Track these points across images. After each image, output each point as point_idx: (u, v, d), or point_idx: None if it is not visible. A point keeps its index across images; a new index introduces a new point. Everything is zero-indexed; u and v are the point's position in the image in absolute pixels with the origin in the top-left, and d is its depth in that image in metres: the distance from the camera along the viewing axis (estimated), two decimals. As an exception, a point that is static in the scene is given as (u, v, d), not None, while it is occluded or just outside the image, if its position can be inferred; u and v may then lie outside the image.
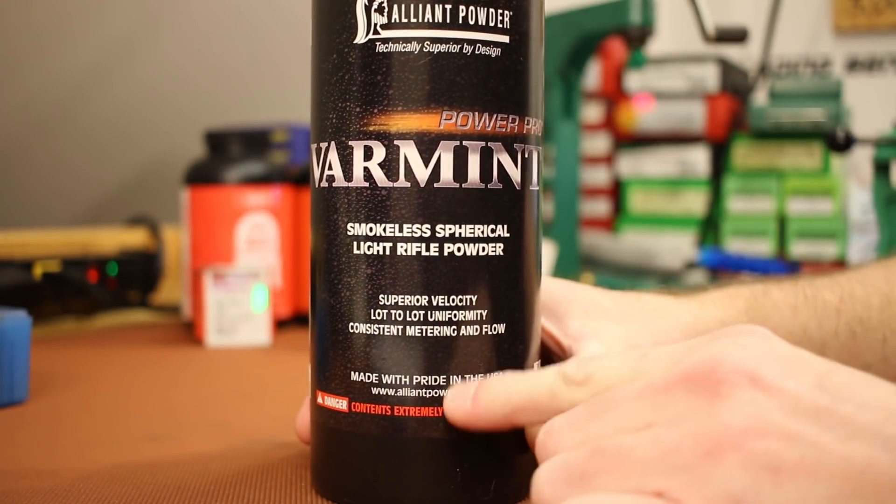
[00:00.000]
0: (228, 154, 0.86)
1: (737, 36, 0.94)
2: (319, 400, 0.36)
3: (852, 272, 0.49)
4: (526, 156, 0.36)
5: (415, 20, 0.33)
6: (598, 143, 1.26)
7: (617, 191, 1.26)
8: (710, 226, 1.14)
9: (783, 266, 1.01)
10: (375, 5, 0.34)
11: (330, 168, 0.35)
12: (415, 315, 0.34)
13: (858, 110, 1.14)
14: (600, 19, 0.96)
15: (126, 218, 1.00)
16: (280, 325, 0.86)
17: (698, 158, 1.18)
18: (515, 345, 0.36)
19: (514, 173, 0.35)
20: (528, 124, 0.36)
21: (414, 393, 0.34)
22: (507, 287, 0.35)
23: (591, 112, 1.26)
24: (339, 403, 0.35)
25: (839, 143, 0.80)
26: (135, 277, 0.90)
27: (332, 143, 0.35)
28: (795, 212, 1.10)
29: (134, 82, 1.13)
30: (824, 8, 1.36)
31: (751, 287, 0.47)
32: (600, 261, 1.12)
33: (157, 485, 0.38)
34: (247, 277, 0.79)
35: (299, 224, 0.90)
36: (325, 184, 0.36)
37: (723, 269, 0.98)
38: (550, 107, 1.02)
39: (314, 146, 0.36)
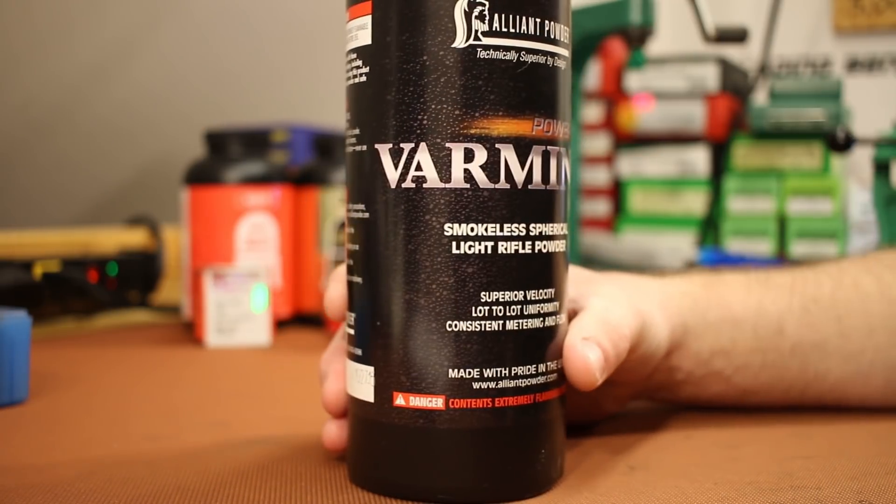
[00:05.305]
0: (228, 154, 0.86)
1: (737, 36, 0.94)
2: (399, 402, 0.36)
3: (804, 266, 0.53)
4: (569, 160, 0.39)
5: (513, 30, 0.36)
6: (598, 143, 1.26)
7: (617, 191, 1.26)
8: (710, 226, 1.14)
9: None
10: (476, 12, 0.35)
11: (419, 169, 0.36)
12: (513, 310, 0.36)
13: (858, 110, 1.14)
14: (600, 19, 0.96)
15: (126, 218, 1.00)
16: (280, 325, 0.86)
17: (698, 158, 1.18)
18: (565, 332, 0.39)
19: (569, 176, 0.39)
20: (569, 131, 0.39)
21: (512, 384, 0.36)
22: (565, 279, 0.39)
23: (591, 112, 1.26)
24: (434, 402, 0.36)
25: (839, 143, 0.80)
26: (135, 277, 0.90)
27: (423, 144, 0.36)
28: (795, 212, 1.10)
29: (134, 82, 1.13)
30: (824, 8, 1.36)
31: (706, 272, 0.52)
32: (600, 261, 1.12)
33: (157, 485, 0.38)
34: (247, 277, 0.79)
35: (299, 224, 0.90)
36: (410, 185, 0.36)
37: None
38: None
39: (388, 146, 0.36)
